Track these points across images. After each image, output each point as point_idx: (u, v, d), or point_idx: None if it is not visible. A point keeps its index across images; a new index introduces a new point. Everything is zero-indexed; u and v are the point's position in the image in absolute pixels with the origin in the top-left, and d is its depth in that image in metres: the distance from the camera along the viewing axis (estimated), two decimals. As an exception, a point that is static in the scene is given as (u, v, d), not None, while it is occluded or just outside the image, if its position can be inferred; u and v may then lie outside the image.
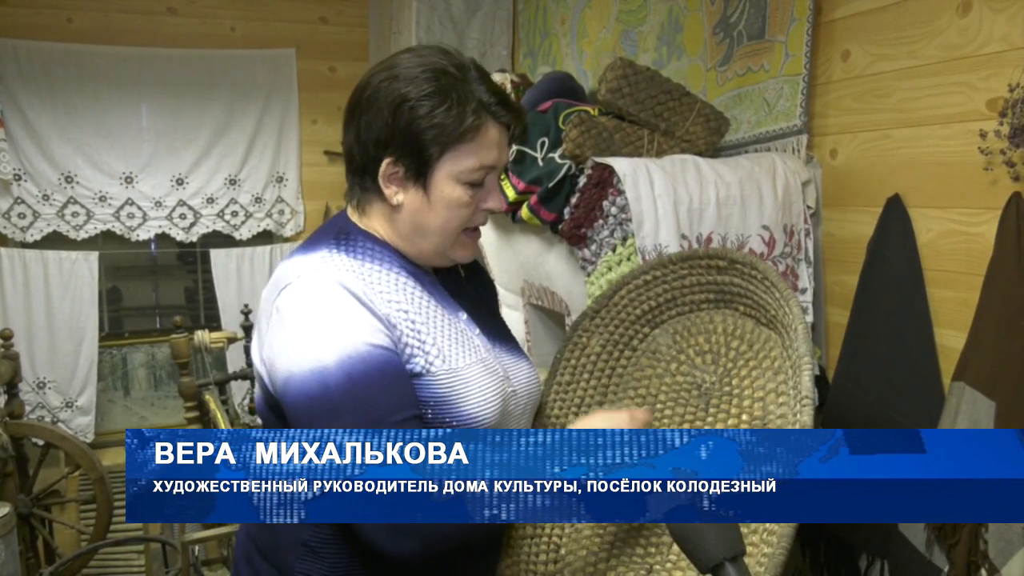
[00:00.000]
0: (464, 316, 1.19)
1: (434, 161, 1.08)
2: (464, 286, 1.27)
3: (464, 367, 1.10)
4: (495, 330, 1.25)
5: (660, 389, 1.38)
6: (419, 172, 1.09)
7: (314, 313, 1.02)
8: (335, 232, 1.14)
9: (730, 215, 1.61)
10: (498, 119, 1.11)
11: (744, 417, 1.28)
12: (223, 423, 2.71)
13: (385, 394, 0.99)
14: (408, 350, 1.06)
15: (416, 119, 1.07)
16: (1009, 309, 1.26)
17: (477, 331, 1.19)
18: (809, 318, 1.69)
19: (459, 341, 1.13)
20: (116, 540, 2.82)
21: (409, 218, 1.12)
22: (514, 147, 1.71)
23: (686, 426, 1.34)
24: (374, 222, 1.16)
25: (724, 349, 1.34)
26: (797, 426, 1.09)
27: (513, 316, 1.96)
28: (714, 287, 1.35)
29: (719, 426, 1.30)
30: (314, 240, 1.14)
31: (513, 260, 1.93)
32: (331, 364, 0.98)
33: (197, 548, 2.55)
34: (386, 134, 1.08)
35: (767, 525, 1.14)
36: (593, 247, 1.60)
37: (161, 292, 4.20)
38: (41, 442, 2.83)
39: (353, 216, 1.18)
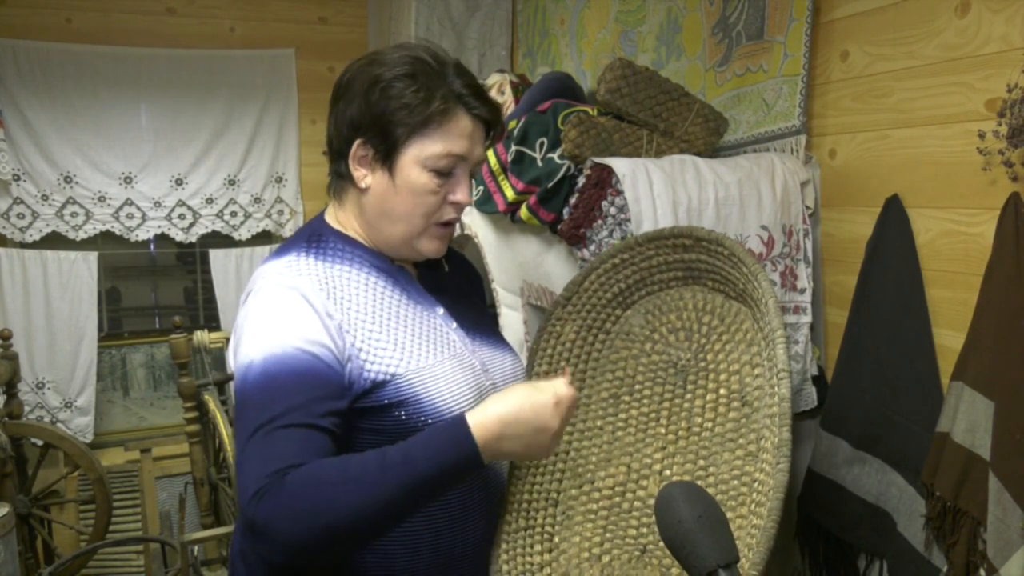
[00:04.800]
0: (441, 311, 1.20)
1: (401, 144, 1.10)
2: (446, 280, 1.28)
3: (433, 364, 1.10)
4: (476, 323, 1.26)
5: (637, 370, 1.39)
6: (387, 154, 1.11)
7: (262, 316, 1.05)
8: (308, 235, 1.17)
9: (729, 215, 1.61)
10: (470, 110, 1.12)
11: (722, 391, 1.29)
12: (222, 423, 2.72)
13: (289, 396, 0.98)
14: (363, 356, 1.06)
15: (385, 99, 1.09)
16: (1008, 309, 1.26)
17: (455, 325, 1.19)
18: (808, 318, 1.69)
19: (430, 338, 1.14)
20: (115, 540, 2.82)
21: (376, 202, 1.13)
22: (513, 147, 1.71)
23: (665, 404, 1.35)
24: (348, 212, 1.18)
25: (696, 325, 1.35)
26: (776, 399, 1.10)
27: (512, 316, 1.96)
28: (682, 265, 1.36)
29: (698, 402, 1.31)
30: (288, 243, 1.17)
31: (512, 260, 1.93)
32: (256, 360, 1.01)
33: (196, 548, 2.55)
34: (358, 115, 1.11)
35: (755, 496, 1.15)
36: (592, 247, 1.60)
37: (160, 292, 4.20)
38: (40, 442, 2.83)
39: (330, 215, 1.21)
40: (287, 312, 1.04)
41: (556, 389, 1.00)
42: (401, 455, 0.94)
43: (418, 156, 1.10)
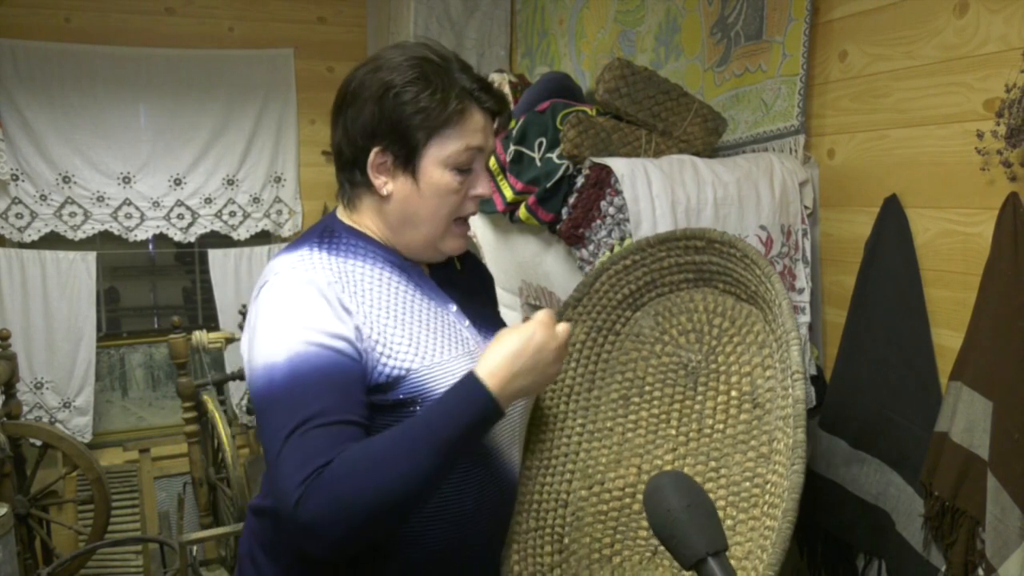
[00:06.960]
0: (454, 308, 1.20)
1: (421, 147, 1.10)
2: (457, 278, 1.28)
3: (448, 360, 1.10)
4: (487, 321, 1.26)
5: (647, 371, 1.39)
6: (408, 159, 1.11)
7: (279, 311, 1.05)
8: (320, 231, 1.17)
9: (727, 215, 1.61)
10: (482, 105, 1.13)
11: (733, 393, 1.29)
12: (221, 423, 2.71)
13: (321, 396, 0.99)
14: (379, 350, 1.06)
15: (401, 105, 1.08)
16: (1006, 308, 1.27)
17: (467, 323, 1.20)
18: (807, 318, 1.69)
19: (445, 334, 1.14)
20: (114, 540, 2.81)
21: (399, 208, 1.13)
22: (512, 147, 1.71)
23: (676, 406, 1.35)
24: (364, 218, 1.17)
25: (707, 327, 1.35)
26: (790, 400, 1.10)
27: (511, 316, 1.96)
28: (693, 267, 1.36)
29: (708, 404, 1.31)
30: (300, 239, 1.16)
31: (511, 260, 1.93)
32: (281, 361, 1.01)
33: (195, 548, 2.55)
34: (373, 123, 1.10)
35: (767, 498, 1.14)
36: (591, 247, 1.60)
37: (159, 292, 4.19)
38: (39, 442, 2.82)
39: (343, 215, 1.20)
40: (303, 307, 1.04)
41: (535, 316, 1.08)
42: (423, 426, 0.98)
43: (438, 156, 1.10)
